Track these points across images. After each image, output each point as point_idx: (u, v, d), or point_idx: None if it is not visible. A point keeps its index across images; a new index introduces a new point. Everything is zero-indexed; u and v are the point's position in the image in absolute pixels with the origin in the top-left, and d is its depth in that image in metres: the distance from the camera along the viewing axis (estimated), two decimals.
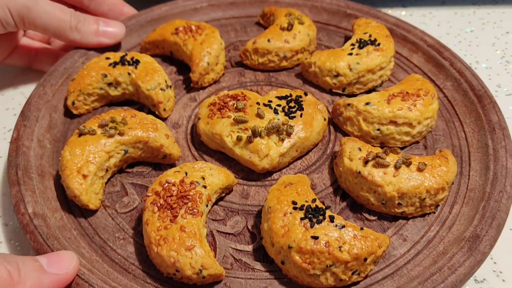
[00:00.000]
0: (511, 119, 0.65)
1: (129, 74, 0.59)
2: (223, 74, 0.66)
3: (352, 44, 0.64)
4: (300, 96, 0.57)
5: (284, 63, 0.66)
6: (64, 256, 0.41)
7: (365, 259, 0.43)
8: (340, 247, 0.42)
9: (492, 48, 0.77)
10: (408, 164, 0.49)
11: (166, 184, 0.47)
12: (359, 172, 0.49)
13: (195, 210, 0.45)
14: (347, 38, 0.72)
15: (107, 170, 0.52)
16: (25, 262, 0.38)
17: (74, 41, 0.63)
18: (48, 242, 0.44)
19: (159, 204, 0.45)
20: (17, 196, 0.48)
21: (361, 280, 0.45)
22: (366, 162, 0.49)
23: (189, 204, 0.45)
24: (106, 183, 0.53)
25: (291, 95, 0.57)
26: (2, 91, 0.70)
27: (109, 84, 0.60)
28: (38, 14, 0.59)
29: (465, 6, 0.86)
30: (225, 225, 0.49)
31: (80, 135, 0.51)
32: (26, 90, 0.70)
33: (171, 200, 0.45)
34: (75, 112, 0.60)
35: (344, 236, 0.43)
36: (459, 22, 0.83)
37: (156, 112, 0.60)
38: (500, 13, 0.84)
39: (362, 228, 0.44)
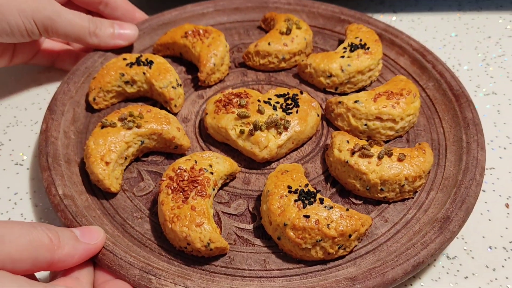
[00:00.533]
0: (488, 116, 0.72)
1: (144, 73, 0.66)
2: (228, 73, 0.73)
3: (344, 48, 0.70)
4: (296, 95, 0.64)
5: (283, 64, 0.73)
6: (93, 229, 0.48)
7: (350, 236, 0.50)
8: (328, 224, 0.49)
9: (474, 52, 0.84)
10: (389, 154, 0.56)
11: (179, 170, 0.54)
12: (347, 162, 0.56)
13: (204, 193, 0.52)
14: (341, 42, 0.78)
15: (125, 158, 0.59)
16: (63, 232, 0.45)
17: (93, 45, 0.70)
18: (77, 219, 0.52)
19: (172, 187, 0.52)
20: (48, 179, 0.55)
21: (347, 254, 0.52)
22: (353, 153, 0.56)
23: (199, 187, 0.52)
24: (125, 170, 0.60)
25: (288, 94, 0.64)
26: (28, 88, 0.77)
27: (126, 82, 0.67)
28: (60, 24, 0.65)
29: (451, 12, 0.92)
30: (229, 207, 0.56)
31: (102, 127, 0.58)
32: (49, 87, 0.77)
33: (183, 184, 0.52)
34: (95, 107, 0.67)
35: (332, 216, 0.50)
36: (445, 27, 0.89)
37: (168, 108, 0.67)
38: (484, 19, 0.91)
39: (347, 209, 0.51)
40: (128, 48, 0.74)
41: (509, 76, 0.79)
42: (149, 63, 0.67)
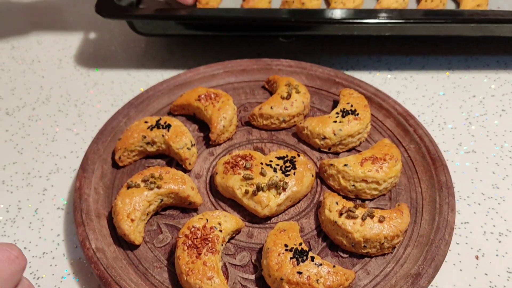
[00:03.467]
0: (466, 173, 0.81)
1: (163, 135, 0.77)
2: (235, 132, 0.83)
3: (337, 113, 0.81)
4: (294, 157, 0.74)
5: (284, 125, 0.83)
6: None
7: None
8: (317, 280, 0.59)
9: (459, 111, 0.93)
10: (371, 216, 0.65)
11: (193, 228, 0.64)
12: (336, 222, 0.66)
13: (214, 249, 0.62)
14: (335, 102, 0.89)
15: (147, 214, 0.69)
16: None
17: None
18: (108, 270, 0.62)
19: (187, 244, 0.62)
20: (82, 234, 0.66)
21: None
22: (341, 214, 0.66)
23: (209, 244, 0.62)
24: (146, 223, 0.70)
25: (287, 156, 0.74)
26: (67, 137, 0.88)
27: (147, 143, 0.77)
28: None
29: (441, 71, 1.01)
30: (235, 259, 0.66)
31: (128, 187, 0.69)
32: (84, 135, 0.88)
33: (196, 241, 0.62)
34: (120, 164, 0.77)
35: (321, 272, 0.59)
36: (434, 85, 0.98)
37: (183, 166, 0.77)
38: (471, 78, 1.00)
39: (334, 266, 0.61)
40: (150, 109, 0.85)
41: (488, 135, 0.88)
42: (167, 126, 0.77)
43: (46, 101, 0.95)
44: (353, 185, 0.72)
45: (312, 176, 0.73)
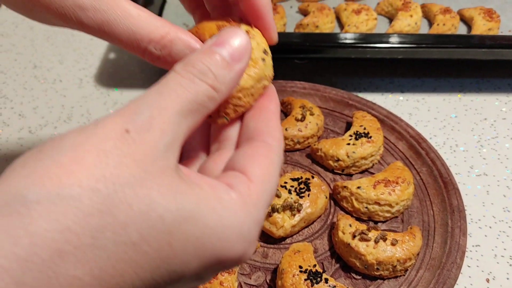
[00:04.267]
0: (477, 196, 0.82)
1: None
2: None
3: (350, 135, 0.83)
4: (308, 179, 0.76)
5: (298, 146, 0.86)
6: (235, 41, 0.35)
7: None
8: None
9: (470, 133, 0.94)
10: (384, 239, 0.67)
11: None
12: (349, 244, 0.67)
13: (231, 269, 0.64)
14: (348, 124, 0.91)
15: None
16: (215, 68, 0.32)
17: (159, 58, 0.39)
18: None
19: None
20: None
21: None
22: (354, 236, 0.68)
23: None
24: None
25: (301, 177, 0.76)
26: None
27: None
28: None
29: (453, 93, 1.03)
30: (250, 279, 0.68)
31: None
32: None
33: None
34: None
35: None
36: (446, 108, 1.00)
37: None
38: (482, 101, 1.01)
39: None
40: None
41: (499, 158, 0.89)
42: None
43: (68, 120, 0.98)
44: (366, 207, 0.74)
45: (326, 197, 0.75)
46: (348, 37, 0.93)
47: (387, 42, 0.91)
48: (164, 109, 0.29)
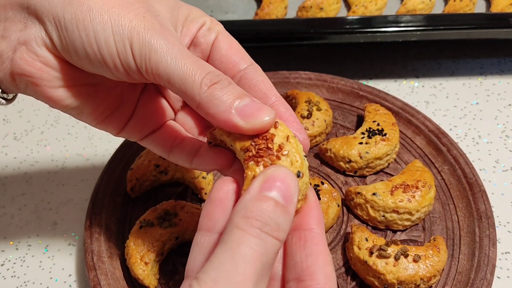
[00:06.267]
0: (505, 195, 0.75)
1: (176, 164, 0.72)
2: None
3: (363, 133, 0.74)
4: (318, 185, 0.69)
5: None
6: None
7: None
8: None
9: (494, 122, 0.86)
10: (405, 255, 0.60)
11: None
12: (366, 261, 0.60)
13: None
14: (359, 117, 0.82)
15: (162, 254, 0.65)
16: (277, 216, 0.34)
17: (199, 106, 0.39)
18: None
19: None
20: (94, 280, 0.61)
21: None
22: (371, 252, 0.61)
23: None
24: (161, 263, 0.66)
25: (310, 184, 0.69)
26: (76, 164, 0.84)
27: (161, 172, 0.72)
28: (163, 57, 0.39)
29: (473, 77, 0.94)
30: None
31: (141, 227, 0.64)
32: (95, 161, 0.84)
33: None
34: (133, 196, 0.73)
35: None
36: (466, 94, 0.91)
37: (199, 195, 0.72)
38: (505, 84, 0.92)
39: None
40: None
41: None
42: None
43: (55, 123, 0.91)
44: (383, 216, 0.66)
45: (338, 206, 0.68)
46: (354, 22, 0.84)
47: (399, 26, 0.82)
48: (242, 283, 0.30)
